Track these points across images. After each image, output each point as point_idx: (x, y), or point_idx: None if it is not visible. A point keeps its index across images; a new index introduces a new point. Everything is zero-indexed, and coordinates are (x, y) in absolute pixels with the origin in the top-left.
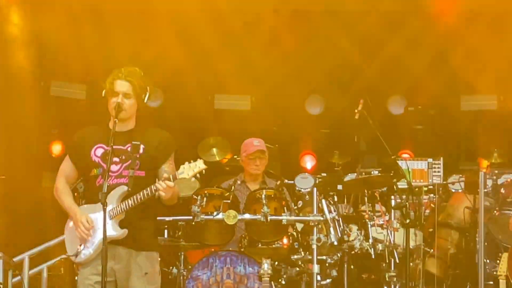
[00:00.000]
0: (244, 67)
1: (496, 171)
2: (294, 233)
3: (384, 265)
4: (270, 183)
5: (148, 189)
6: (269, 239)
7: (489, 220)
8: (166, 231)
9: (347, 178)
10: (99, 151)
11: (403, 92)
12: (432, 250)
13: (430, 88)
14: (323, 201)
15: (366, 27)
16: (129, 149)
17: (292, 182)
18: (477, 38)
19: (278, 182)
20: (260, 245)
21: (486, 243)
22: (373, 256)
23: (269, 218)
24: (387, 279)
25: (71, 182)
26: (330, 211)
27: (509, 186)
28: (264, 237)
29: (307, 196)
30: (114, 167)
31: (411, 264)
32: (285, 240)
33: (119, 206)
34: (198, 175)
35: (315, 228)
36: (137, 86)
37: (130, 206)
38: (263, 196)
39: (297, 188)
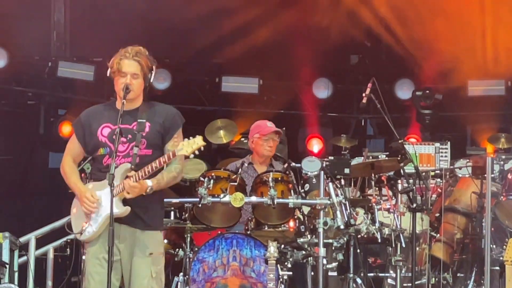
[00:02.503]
0: (252, 49)
1: (503, 156)
2: (301, 216)
3: (390, 249)
4: (277, 166)
5: (149, 166)
6: (275, 222)
7: (496, 205)
8: (172, 213)
9: (354, 162)
10: (106, 131)
11: (411, 76)
12: (438, 234)
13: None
14: (330, 184)
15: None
16: (135, 127)
17: (299, 165)
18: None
19: (285, 165)
20: (266, 228)
21: (492, 229)
22: (379, 240)
23: (276, 201)
24: (393, 263)
25: (77, 160)
26: (337, 195)
27: None
28: (271, 220)
29: (314, 180)
30: (121, 147)
31: (417, 248)
32: (291, 223)
33: (122, 184)
34: (197, 152)
35: (321, 212)
36: (145, 66)
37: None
38: (270, 178)
39: (304, 171)
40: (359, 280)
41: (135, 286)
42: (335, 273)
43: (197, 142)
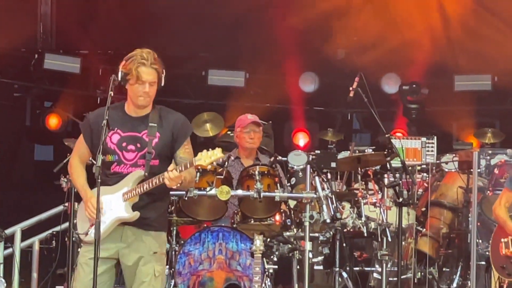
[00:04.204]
0: (239, 43)
1: (490, 151)
2: (287, 210)
3: (376, 243)
4: (263, 159)
5: (162, 175)
6: (261, 216)
7: (482, 200)
8: None
9: (340, 156)
10: (115, 138)
11: (398, 71)
12: (424, 229)
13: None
14: (316, 178)
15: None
16: (144, 136)
17: (285, 159)
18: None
19: (272, 159)
20: (252, 221)
21: (478, 223)
22: (365, 234)
23: (262, 194)
24: (379, 257)
25: (84, 160)
26: (323, 189)
27: (502, 167)
28: (257, 213)
29: (300, 173)
30: (129, 155)
31: (403, 243)
32: (277, 217)
33: (135, 190)
34: (215, 163)
35: (307, 205)
36: (160, 73)
37: (145, 190)
38: (256, 172)
39: (290, 165)
40: (345, 274)
41: (137, 285)
42: (321, 267)
43: (217, 153)
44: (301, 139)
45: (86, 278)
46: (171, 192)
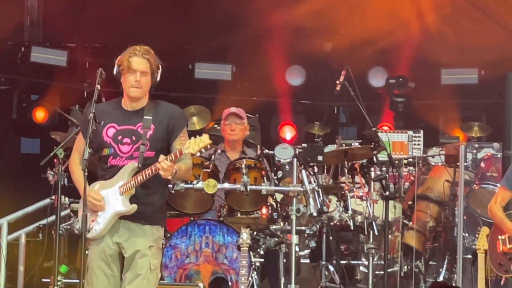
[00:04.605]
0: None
1: (476, 145)
2: (274, 203)
3: (362, 236)
4: (249, 153)
5: (155, 165)
6: (248, 209)
7: (468, 193)
8: None
9: (327, 150)
10: (111, 131)
11: (384, 64)
12: (411, 222)
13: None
14: (303, 171)
15: None
16: (139, 129)
17: (272, 152)
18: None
19: (258, 152)
20: (239, 214)
21: (465, 217)
22: (352, 228)
23: (248, 187)
24: (365, 250)
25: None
26: (309, 182)
27: (489, 160)
28: (244, 206)
29: (287, 167)
30: (125, 148)
31: (389, 236)
32: (264, 210)
33: (129, 182)
34: (203, 150)
35: (294, 199)
36: (153, 64)
37: (139, 182)
38: (243, 165)
39: (276, 159)
40: (331, 268)
41: (131, 277)
42: (307, 260)
43: (204, 140)
44: (288, 133)
45: (98, 282)
46: None
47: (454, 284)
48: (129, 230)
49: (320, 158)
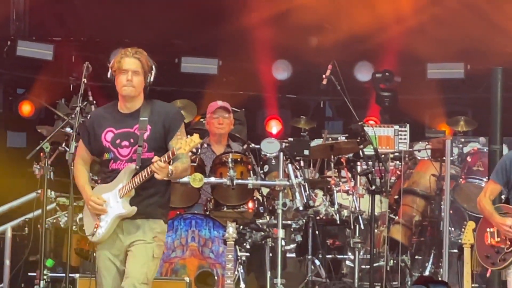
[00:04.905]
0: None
1: (463, 139)
2: (260, 198)
3: (348, 231)
4: (235, 147)
5: (150, 167)
6: (234, 203)
7: (454, 188)
8: None
9: (313, 144)
10: (109, 136)
11: (370, 58)
12: (397, 217)
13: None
14: (289, 166)
15: None
16: (136, 131)
17: (258, 146)
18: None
19: (245, 146)
20: (225, 208)
21: (451, 211)
22: (338, 222)
23: (235, 182)
24: (351, 245)
25: (88, 162)
26: (296, 176)
27: (475, 155)
28: (230, 200)
29: (273, 161)
30: (124, 151)
31: (375, 230)
32: (250, 204)
33: (128, 185)
34: (194, 149)
35: (280, 193)
36: (145, 64)
37: (137, 183)
38: (229, 159)
39: (263, 153)
40: (317, 262)
41: (134, 262)
42: (293, 255)
43: (194, 140)
44: (274, 127)
45: (107, 283)
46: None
47: (440, 278)
48: (133, 226)
49: (306, 152)
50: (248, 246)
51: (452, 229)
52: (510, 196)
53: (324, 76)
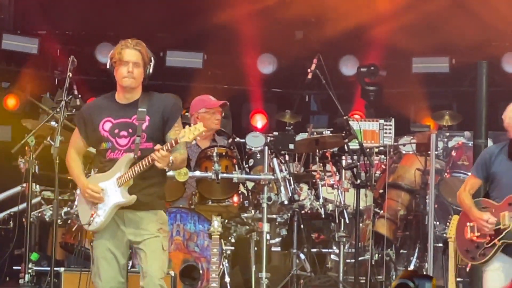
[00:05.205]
0: (197, 24)
1: (447, 134)
2: (245, 191)
3: (334, 225)
4: (220, 141)
5: (151, 156)
6: (219, 197)
7: (439, 182)
8: None
9: (298, 138)
10: (107, 125)
11: (355, 52)
12: (382, 211)
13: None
14: (274, 160)
15: None
16: (134, 121)
17: (243, 140)
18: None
19: (230, 140)
20: (210, 202)
21: (436, 205)
22: (323, 216)
23: (220, 175)
24: (336, 239)
25: (81, 153)
26: (281, 170)
27: (460, 149)
28: (215, 194)
29: (258, 155)
30: (122, 141)
31: (361, 224)
32: (235, 198)
33: (127, 174)
34: (198, 137)
35: (265, 187)
36: (145, 55)
37: (137, 172)
38: (214, 153)
39: (248, 147)
40: (302, 256)
41: (148, 260)
42: (278, 249)
43: (198, 128)
44: (259, 121)
45: (107, 274)
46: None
47: (424, 273)
48: (135, 218)
49: (291, 146)
50: (233, 240)
51: (437, 223)
52: (490, 190)
53: (309, 70)
